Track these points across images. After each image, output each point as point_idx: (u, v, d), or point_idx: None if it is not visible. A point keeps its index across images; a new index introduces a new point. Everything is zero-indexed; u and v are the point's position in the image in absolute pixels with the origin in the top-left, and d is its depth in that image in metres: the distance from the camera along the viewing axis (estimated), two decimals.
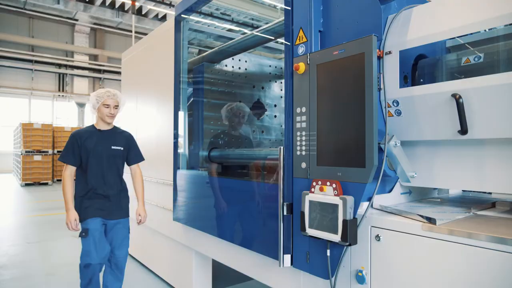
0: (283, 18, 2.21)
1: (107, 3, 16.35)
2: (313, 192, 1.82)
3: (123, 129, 3.11)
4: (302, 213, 1.85)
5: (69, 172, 2.79)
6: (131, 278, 3.93)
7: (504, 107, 1.44)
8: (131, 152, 3.03)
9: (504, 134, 1.49)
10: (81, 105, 18.95)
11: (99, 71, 19.11)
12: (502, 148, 1.59)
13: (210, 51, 3.50)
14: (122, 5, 16.90)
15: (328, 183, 1.75)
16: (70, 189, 2.78)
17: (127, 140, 3.02)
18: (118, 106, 2.90)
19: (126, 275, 4.00)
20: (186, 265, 3.39)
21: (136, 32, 14.44)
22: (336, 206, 1.68)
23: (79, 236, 2.77)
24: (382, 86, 1.76)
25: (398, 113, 1.77)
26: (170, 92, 3.40)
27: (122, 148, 2.95)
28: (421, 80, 1.85)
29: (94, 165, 2.82)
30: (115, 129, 3.03)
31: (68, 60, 18.28)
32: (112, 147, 2.89)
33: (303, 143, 1.94)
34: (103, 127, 2.93)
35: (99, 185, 2.83)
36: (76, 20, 17.97)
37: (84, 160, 2.82)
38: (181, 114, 3.29)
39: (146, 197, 3.53)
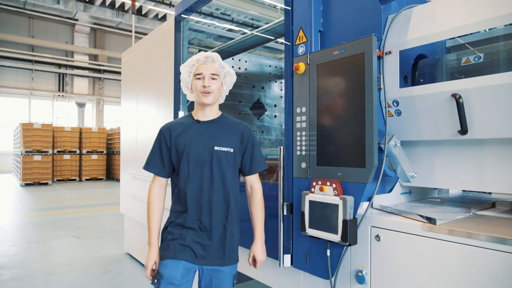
0: (283, 18, 2.21)
1: (107, 3, 16.37)
2: (313, 192, 1.82)
3: (237, 119, 1.98)
4: (302, 213, 1.85)
5: (156, 186, 1.87)
6: (131, 278, 3.93)
7: (504, 107, 1.44)
8: (247, 155, 1.90)
9: (504, 134, 1.49)
10: (81, 105, 18.94)
11: (99, 71, 19.12)
12: (502, 148, 1.59)
13: (210, 51, 3.50)
14: (122, 5, 16.92)
15: (328, 183, 1.75)
16: (154, 213, 1.84)
17: (242, 137, 1.89)
18: (217, 75, 1.85)
19: (126, 275, 4.02)
20: None
21: (136, 32, 14.49)
22: (336, 206, 1.68)
23: (152, 283, 1.81)
24: (382, 86, 1.77)
25: (398, 113, 1.77)
26: (170, 92, 3.39)
27: (232, 150, 1.84)
28: (421, 80, 1.85)
29: (186, 176, 1.82)
30: (223, 118, 1.93)
31: (68, 60, 18.30)
32: (216, 148, 1.82)
33: (303, 143, 1.94)
34: (203, 116, 1.88)
35: (193, 208, 1.81)
36: (76, 20, 17.98)
37: (176, 166, 1.86)
38: (181, 114, 3.29)
39: (144, 197, 2.62)
